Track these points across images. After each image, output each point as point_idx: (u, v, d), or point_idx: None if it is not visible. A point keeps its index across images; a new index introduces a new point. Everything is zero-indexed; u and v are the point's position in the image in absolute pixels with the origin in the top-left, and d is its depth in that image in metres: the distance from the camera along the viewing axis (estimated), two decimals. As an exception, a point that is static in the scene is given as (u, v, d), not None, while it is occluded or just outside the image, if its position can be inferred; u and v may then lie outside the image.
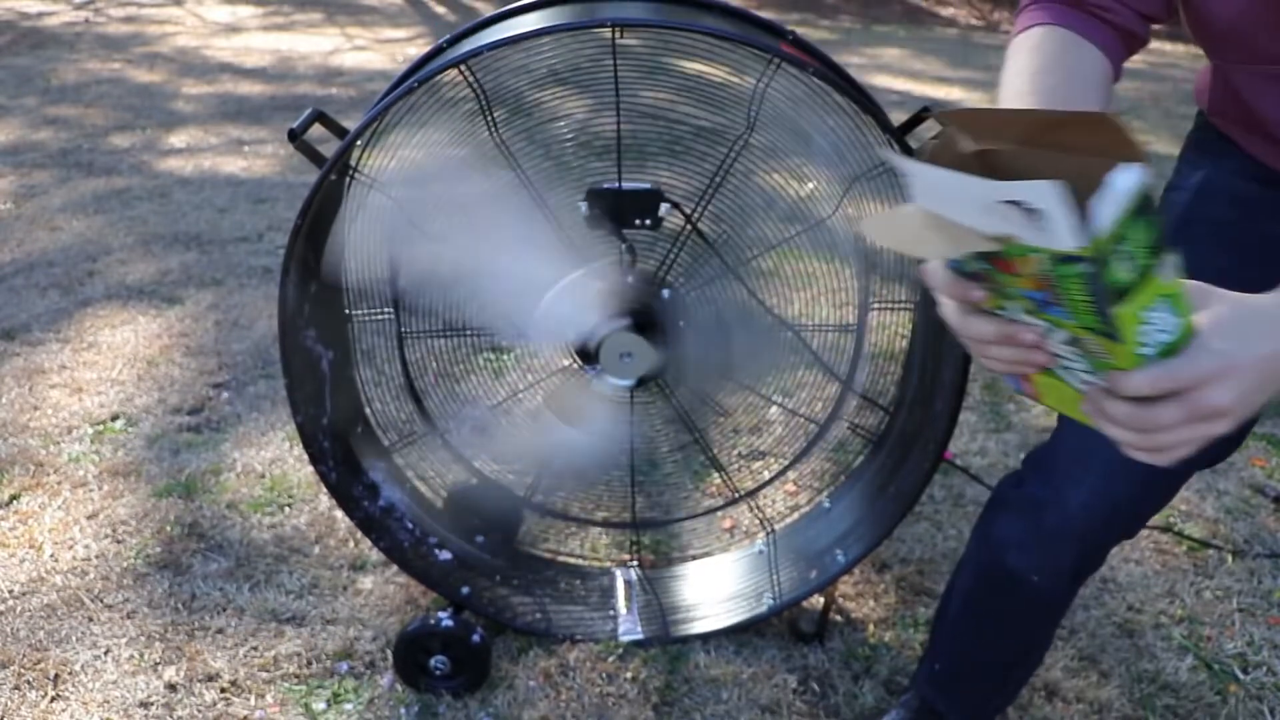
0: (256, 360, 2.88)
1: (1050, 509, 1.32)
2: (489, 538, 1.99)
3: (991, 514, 1.46)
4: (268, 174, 4.59)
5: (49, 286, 3.33)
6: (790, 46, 1.59)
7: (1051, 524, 1.33)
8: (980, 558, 1.48)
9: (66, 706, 1.73)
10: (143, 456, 2.43)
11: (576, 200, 1.70)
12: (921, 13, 11.58)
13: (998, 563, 1.42)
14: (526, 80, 1.65)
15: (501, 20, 1.65)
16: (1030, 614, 1.48)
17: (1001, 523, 1.42)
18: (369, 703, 1.75)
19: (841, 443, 2.14)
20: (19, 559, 2.08)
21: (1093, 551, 1.39)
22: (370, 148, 1.63)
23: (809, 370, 1.91)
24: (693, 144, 1.66)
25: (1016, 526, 1.39)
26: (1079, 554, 1.37)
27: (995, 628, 1.51)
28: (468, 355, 1.88)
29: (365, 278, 1.80)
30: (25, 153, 4.79)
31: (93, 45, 7.35)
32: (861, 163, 1.65)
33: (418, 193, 1.70)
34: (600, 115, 1.64)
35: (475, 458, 1.97)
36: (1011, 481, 1.42)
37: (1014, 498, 1.40)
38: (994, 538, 1.43)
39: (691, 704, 1.76)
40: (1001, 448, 2.53)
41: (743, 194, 1.69)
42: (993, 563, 1.44)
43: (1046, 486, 1.33)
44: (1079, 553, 1.36)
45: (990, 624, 1.51)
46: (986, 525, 1.46)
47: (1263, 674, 1.85)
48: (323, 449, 1.77)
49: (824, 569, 1.88)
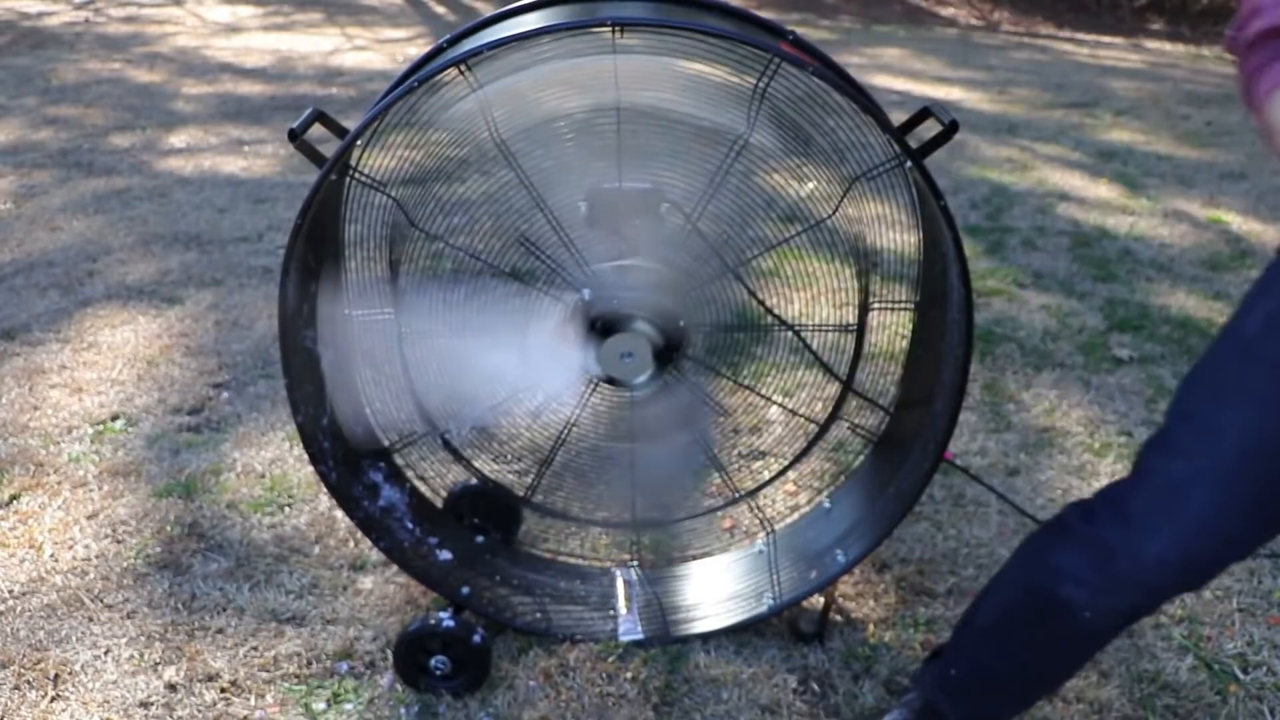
0: (256, 360, 2.88)
1: (1122, 556, 1.30)
2: (489, 538, 1.99)
3: (1051, 539, 1.43)
4: (268, 174, 4.58)
5: (49, 286, 3.33)
6: (790, 46, 1.59)
7: (1121, 571, 1.31)
8: (1031, 579, 1.45)
9: (66, 706, 1.73)
10: (143, 456, 2.42)
11: (577, 200, 1.70)
12: (921, 13, 11.58)
13: (1049, 590, 1.39)
14: (527, 80, 1.65)
15: (501, 20, 1.65)
16: (1072, 644, 1.45)
17: (1063, 553, 1.39)
18: (369, 703, 1.75)
19: (841, 443, 2.14)
20: (19, 559, 2.08)
21: (1156, 601, 1.38)
22: (370, 148, 1.63)
23: (809, 370, 1.91)
24: (693, 144, 1.66)
25: (1080, 563, 1.36)
26: (1142, 602, 1.36)
27: (1030, 648, 1.48)
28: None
29: (365, 278, 1.80)
30: (25, 153, 4.79)
31: (93, 45, 7.35)
32: (861, 163, 1.65)
33: (418, 191, 1.70)
34: (600, 115, 1.64)
35: (475, 458, 1.97)
36: (1080, 513, 1.39)
37: (1083, 533, 1.37)
38: (1051, 565, 1.40)
39: (691, 704, 1.76)
40: (1001, 448, 2.53)
41: (743, 194, 1.69)
42: (1044, 588, 1.40)
43: (1122, 531, 1.30)
44: (1143, 601, 1.35)
45: (1026, 644, 1.48)
46: (1044, 549, 1.43)
47: (1263, 674, 1.85)
48: (323, 449, 1.77)
49: (824, 569, 1.88)
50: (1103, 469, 2.46)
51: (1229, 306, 3.41)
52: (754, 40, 1.52)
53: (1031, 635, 1.47)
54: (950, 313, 1.69)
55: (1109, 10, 11.87)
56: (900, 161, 1.59)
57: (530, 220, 1.71)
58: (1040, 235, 4.05)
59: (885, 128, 1.55)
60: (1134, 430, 2.62)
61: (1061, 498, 2.35)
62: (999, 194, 4.57)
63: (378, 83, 6.15)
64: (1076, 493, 2.37)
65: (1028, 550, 1.47)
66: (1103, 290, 3.52)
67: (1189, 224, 4.27)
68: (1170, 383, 2.86)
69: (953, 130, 1.56)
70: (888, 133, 1.56)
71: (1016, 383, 2.87)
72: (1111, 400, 2.78)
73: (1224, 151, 5.45)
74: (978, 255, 3.81)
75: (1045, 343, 3.10)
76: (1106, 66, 8.27)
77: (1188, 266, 3.77)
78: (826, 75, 1.54)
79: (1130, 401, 2.77)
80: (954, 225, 1.58)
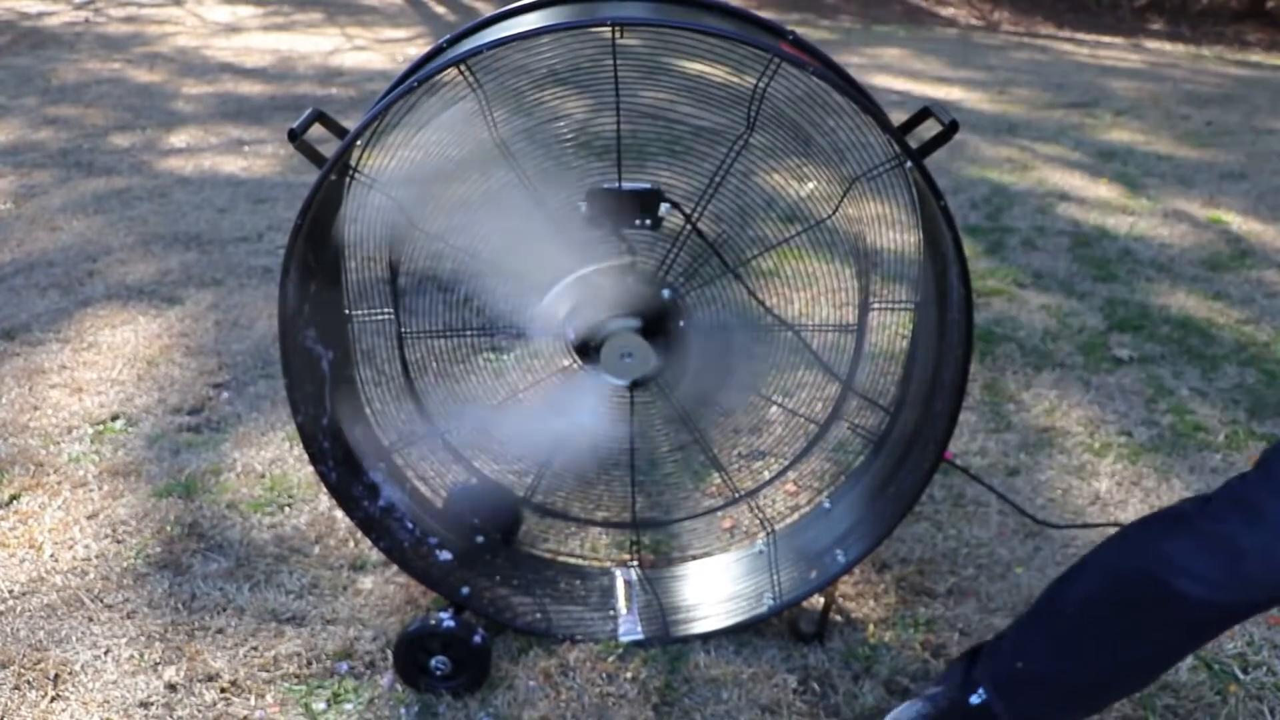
0: (256, 360, 2.88)
1: (1253, 559, 1.28)
2: (489, 538, 1.99)
3: (1167, 530, 1.40)
4: (268, 174, 4.59)
5: (49, 286, 3.33)
6: (790, 46, 1.59)
7: (1252, 572, 1.29)
8: (1137, 566, 1.40)
9: (66, 706, 1.73)
10: (143, 456, 2.43)
11: (577, 200, 1.70)
12: (921, 13, 11.58)
13: (1160, 579, 1.36)
14: (526, 80, 1.65)
15: (501, 20, 1.65)
16: (1172, 638, 1.42)
17: (1182, 547, 1.36)
18: (369, 703, 1.75)
19: (841, 443, 2.14)
20: (19, 559, 2.08)
21: (1275, 603, 1.35)
22: (370, 148, 1.63)
23: (809, 370, 1.91)
24: (693, 144, 1.66)
25: (1202, 560, 1.33)
26: (1263, 603, 1.34)
27: (1125, 639, 1.43)
28: (468, 355, 1.88)
29: (365, 278, 1.80)
30: (25, 153, 4.79)
31: (93, 45, 7.35)
32: (861, 163, 1.65)
33: (418, 191, 1.70)
34: (600, 115, 1.64)
35: (475, 458, 1.98)
36: (1201, 507, 1.37)
37: (1207, 530, 1.34)
38: (1165, 556, 1.37)
39: (691, 704, 1.76)
40: (1001, 448, 2.53)
41: (743, 194, 1.69)
42: (1155, 578, 1.37)
43: (1254, 532, 1.28)
44: (1263, 602, 1.34)
45: (1121, 633, 1.43)
46: (1156, 538, 1.40)
47: (1263, 674, 1.85)
48: (323, 449, 1.77)
49: (824, 569, 1.88)
50: (1103, 469, 2.46)
51: (1229, 306, 3.41)
52: (754, 40, 1.52)
53: (1129, 624, 1.42)
54: (950, 313, 1.69)
55: (1109, 10, 11.88)
56: (900, 161, 1.59)
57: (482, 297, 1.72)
58: (1040, 235, 4.05)
59: (885, 128, 1.55)
60: (1134, 430, 2.62)
61: (1061, 498, 2.35)
62: (999, 194, 4.57)
63: (378, 83, 6.15)
64: (1076, 493, 2.37)
65: (1131, 538, 1.43)
66: (1103, 290, 3.52)
67: (1189, 224, 4.27)
68: (1170, 383, 2.86)
69: (953, 130, 1.56)
70: (888, 133, 1.56)
71: (1016, 383, 2.87)
72: (1111, 400, 2.78)
73: (1224, 151, 5.46)
74: (978, 255, 3.81)
75: (1045, 343, 3.10)
76: (1106, 66, 8.28)
77: (1188, 266, 3.77)
78: (826, 75, 1.54)
79: (1130, 401, 2.77)
80: (954, 225, 1.58)
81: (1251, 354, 3.06)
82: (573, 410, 1.76)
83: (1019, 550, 2.17)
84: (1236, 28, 11.36)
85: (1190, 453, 2.53)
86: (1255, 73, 8.45)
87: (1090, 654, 1.48)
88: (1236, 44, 10.54)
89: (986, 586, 2.05)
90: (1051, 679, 1.52)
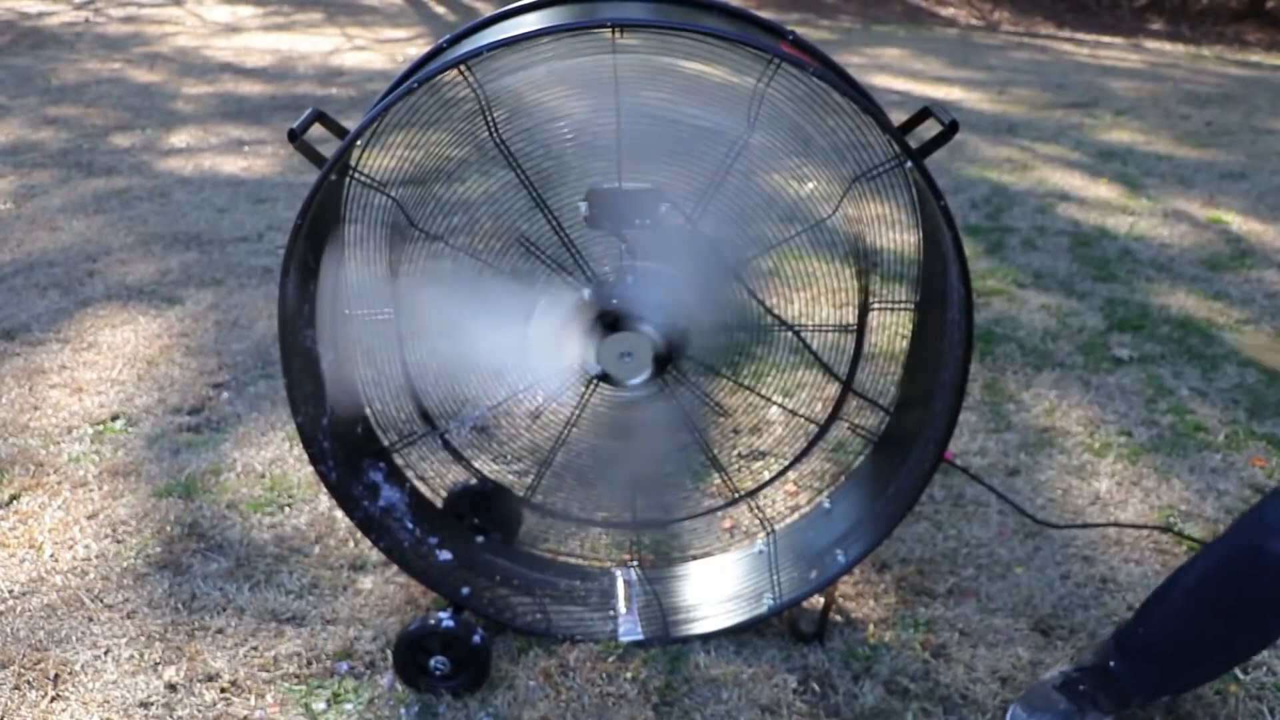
0: (256, 360, 2.88)
1: None
2: (489, 538, 1.99)
3: (1269, 501, 1.50)
4: (268, 174, 4.59)
5: (49, 286, 3.33)
6: (790, 46, 1.59)
7: None
8: (1241, 540, 1.52)
9: (66, 706, 1.73)
10: (143, 456, 2.43)
11: (576, 200, 1.70)
12: (921, 13, 11.58)
13: (1258, 547, 1.46)
14: (526, 80, 1.65)
15: (501, 20, 1.65)
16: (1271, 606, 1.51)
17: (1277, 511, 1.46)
18: (369, 703, 1.75)
19: (841, 443, 2.14)
20: (19, 559, 2.08)
21: None
22: (370, 148, 1.63)
23: (809, 370, 1.91)
24: (693, 144, 1.66)
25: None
26: None
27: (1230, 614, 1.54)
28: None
29: (365, 278, 1.80)
30: (25, 153, 4.79)
31: (93, 45, 7.35)
32: (861, 163, 1.65)
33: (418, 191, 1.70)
34: (600, 115, 1.64)
35: (475, 458, 1.97)
36: None
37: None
38: (1265, 522, 1.46)
39: (691, 704, 1.76)
40: (1001, 448, 2.53)
41: (743, 194, 1.69)
42: (1255, 547, 1.47)
43: None
44: None
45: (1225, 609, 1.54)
46: (1260, 509, 1.50)
47: (1263, 674, 1.85)
48: (323, 449, 1.77)
49: (824, 569, 1.88)
50: (1103, 469, 2.46)
51: (1229, 306, 3.41)
52: (754, 41, 1.52)
53: (1232, 596, 1.52)
54: (950, 313, 1.69)
55: (1109, 10, 11.87)
56: (900, 161, 1.59)
57: (532, 220, 1.71)
58: (1040, 235, 4.05)
59: (885, 128, 1.55)
60: (1134, 430, 2.62)
61: (1061, 498, 2.35)
62: (999, 194, 4.57)
63: (378, 83, 6.15)
64: (1076, 493, 2.37)
65: (1242, 517, 1.53)
66: (1103, 290, 3.52)
67: (1189, 224, 4.27)
68: (1170, 382, 2.86)
69: (953, 130, 1.56)
70: (888, 133, 1.56)
71: (1016, 383, 2.87)
72: (1111, 400, 2.78)
73: (1224, 151, 5.46)
74: (978, 255, 3.81)
75: (1045, 343, 3.10)
76: (1106, 66, 8.28)
77: (1188, 266, 3.77)
78: (826, 75, 1.54)
79: (1130, 401, 2.77)
80: (954, 225, 1.58)
81: (1251, 354, 3.06)
82: (538, 353, 1.77)
83: (1019, 550, 2.17)
84: (1236, 28, 11.35)
85: (1190, 453, 2.53)
86: (1255, 73, 8.45)
87: (1200, 625, 1.58)
88: (1236, 44, 10.54)
89: (986, 586, 2.05)
90: (1161, 646, 1.63)
